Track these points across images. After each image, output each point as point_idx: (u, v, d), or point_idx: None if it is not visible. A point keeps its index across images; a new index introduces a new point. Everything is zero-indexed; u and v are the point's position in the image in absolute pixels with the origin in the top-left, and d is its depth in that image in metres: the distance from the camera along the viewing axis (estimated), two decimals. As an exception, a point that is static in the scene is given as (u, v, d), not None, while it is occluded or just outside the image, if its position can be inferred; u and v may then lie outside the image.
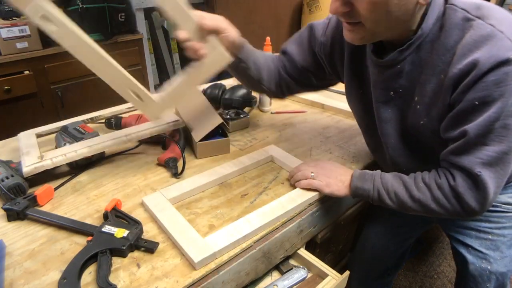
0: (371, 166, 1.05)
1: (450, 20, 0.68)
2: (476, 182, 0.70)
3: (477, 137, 0.68)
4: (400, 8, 0.65)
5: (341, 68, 0.95)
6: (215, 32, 0.77)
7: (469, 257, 0.96)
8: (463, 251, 0.97)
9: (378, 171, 0.85)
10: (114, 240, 0.72)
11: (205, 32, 0.76)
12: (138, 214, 0.83)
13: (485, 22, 0.65)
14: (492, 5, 0.69)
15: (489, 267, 0.93)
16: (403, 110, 0.82)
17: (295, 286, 0.86)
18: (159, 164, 1.02)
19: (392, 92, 0.81)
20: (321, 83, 1.05)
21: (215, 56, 0.77)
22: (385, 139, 0.89)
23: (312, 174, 0.88)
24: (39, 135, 1.08)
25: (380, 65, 0.80)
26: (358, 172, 0.86)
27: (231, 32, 0.81)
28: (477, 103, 0.66)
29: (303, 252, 0.93)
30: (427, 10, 0.70)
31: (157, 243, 0.73)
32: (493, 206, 0.91)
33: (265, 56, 1.00)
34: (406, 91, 0.79)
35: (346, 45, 0.89)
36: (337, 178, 0.87)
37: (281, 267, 0.90)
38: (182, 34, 0.74)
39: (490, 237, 0.93)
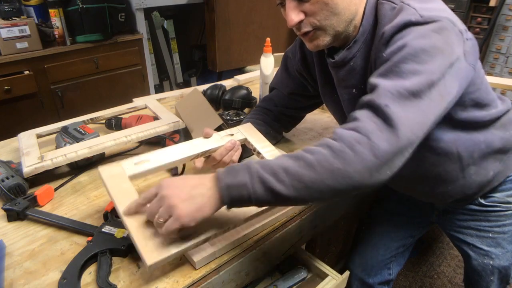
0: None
1: (381, 12, 0.75)
2: (384, 115, 0.58)
3: (382, 76, 0.64)
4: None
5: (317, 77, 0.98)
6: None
7: (471, 253, 0.98)
8: (465, 248, 0.99)
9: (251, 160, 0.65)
10: (114, 240, 0.73)
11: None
12: (138, 215, 0.83)
13: (402, 2, 0.71)
14: None
15: (491, 262, 0.95)
16: None
17: (295, 286, 0.86)
18: (159, 165, 1.03)
19: (354, 90, 0.84)
20: (312, 102, 1.10)
21: None
22: None
23: (157, 215, 0.61)
24: (39, 136, 1.08)
25: (334, 65, 0.84)
26: (222, 169, 0.63)
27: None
28: (384, 55, 0.67)
29: (303, 252, 0.93)
30: (365, 9, 0.76)
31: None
32: (492, 206, 0.92)
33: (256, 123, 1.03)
34: (365, 86, 0.81)
35: (314, 54, 0.93)
36: (191, 194, 0.60)
37: (281, 267, 0.90)
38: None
39: (490, 235, 0.94)
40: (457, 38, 0.66)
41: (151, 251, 0.61)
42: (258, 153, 0.90)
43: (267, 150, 0.89)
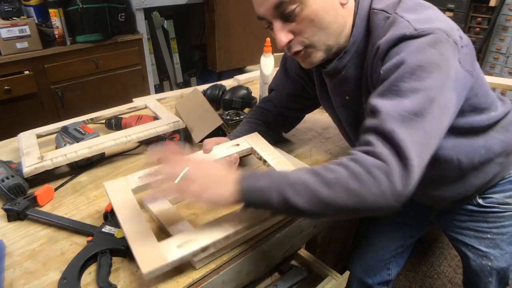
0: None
1: (374, 23, 0.73)
2: (393, 142, 0.59)
3: (381, 96, 0.63)
4: (329, 13, 0.70)
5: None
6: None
7: (470, 254, 0.98)
8: (464, 249, 0.99)
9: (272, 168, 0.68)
10: (114, 240, 0.73)
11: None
12: (138, 215, 0.83)
13: (395, 13, 0.69)
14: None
15: (489, 264, 0.95)
16: (360, 111, 0.85)
17: (295, 286, 0.86)
18: (159, 165, 1.02)
19: (347, 96, 0.85)
20: (311, 103, 1.10)
21: None
22: (356, 141, 0.91)
23: (182, 173, 0.63)
24: (39, 136, 1.08)
25: (326, 74, 0.85)
26: (246, 172, 0.68)
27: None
28: (381, 72, 0.67)
29: (303, 252, 0.93)
30: (355, 20, 0.75)
31: (157, 244, 0.73)
32: (490, 207, 0.92)
33: (256, 122, 1.05)
34: (358, 94, 0.83)
35: None
36: (217, 181, 0.64)
37: (281, 267, 0.90)
38: None
39: (489, 236, 0.94)
40: (452, 49, 0.65)
41: (148, 259, 0.62)
42: (264, 161, 0.90)
43: (273, 158, 0.90)
